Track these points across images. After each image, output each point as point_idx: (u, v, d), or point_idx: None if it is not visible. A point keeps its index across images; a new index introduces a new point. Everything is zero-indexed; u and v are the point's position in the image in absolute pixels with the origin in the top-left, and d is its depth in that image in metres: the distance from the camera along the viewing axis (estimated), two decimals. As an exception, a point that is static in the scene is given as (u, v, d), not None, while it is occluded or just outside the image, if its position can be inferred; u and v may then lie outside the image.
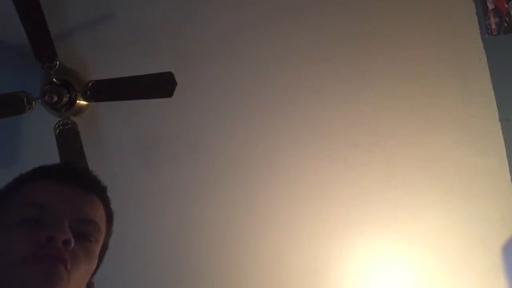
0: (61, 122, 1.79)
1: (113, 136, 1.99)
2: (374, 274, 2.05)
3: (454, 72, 1.79)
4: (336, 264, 2.06)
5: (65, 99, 1.80)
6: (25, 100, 1.71)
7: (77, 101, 1.85)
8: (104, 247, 0.72)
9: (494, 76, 1.76)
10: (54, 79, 1.78)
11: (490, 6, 1.63)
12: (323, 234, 2.02)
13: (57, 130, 1.78)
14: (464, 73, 1.79)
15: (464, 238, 1.94)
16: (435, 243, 1.96)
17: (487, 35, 1.70)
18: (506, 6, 1.53)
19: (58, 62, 1.70)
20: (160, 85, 1.67)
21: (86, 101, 1.84)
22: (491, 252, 1.94)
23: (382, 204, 1.94)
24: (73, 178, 0.70)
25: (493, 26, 1.64)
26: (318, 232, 2.02)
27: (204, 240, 2.09)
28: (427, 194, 1.92)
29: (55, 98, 1.75)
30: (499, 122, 1.79)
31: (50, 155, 1.81)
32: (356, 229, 1.99)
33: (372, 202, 1.95)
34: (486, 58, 1.75)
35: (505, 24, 1.56)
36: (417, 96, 1.83)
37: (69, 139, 1.78)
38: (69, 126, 1.78)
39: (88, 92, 1.73)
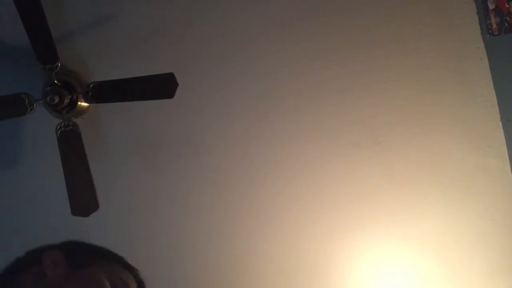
0: (63, 123, 1.79)
1: (115, 137, 2.00)
2: (374, 273, 2.05)
3: (455, 72, 1.79)
4: (337, 263, 2.06)
5: (67, 100, 1.81)
6: (26, 102, 1.71)
7: (79, 103, 1.86)
8: None
9: (495, 76, 1.75)
10: (55, 81, 1.79)
11: (491, 6, 1.63)
12: (324, 234, 2.02)
13: (59, 132, 1.78)
14: (465, 73, 1.79)
15: (465, 237, 1.94)
16: (437, 242, 1.96)
17: (488, 35, 1.69)
18: (507, 6, 1.52)
19: (59, 64, 1.70)
20: (161, 86, 1.66)
21: (88, 103, 1.84)
22: (493, 252, 1.94)
23: (383, 203, 1.94)
24: None
25: (494, 26, 1.63)
26: (318, 232, 2.02)
27: (205, 241, 2.09)
28: (429, 193, 1.92)
29: (57, 100, 1.76)
30: (500, 122, 1.79)
31: (52, 157, 1.81)
32: (357, 228, 1.99)
33: (373, 202, 1.95)
34: (487, 58, 1.75)
35: (506, 24, 1.56)
36: (418, 95, 1.83)
37: (70, 141, 1.78)
38: (70, 127, 1.79)
39: (90, 93, 1.73)
